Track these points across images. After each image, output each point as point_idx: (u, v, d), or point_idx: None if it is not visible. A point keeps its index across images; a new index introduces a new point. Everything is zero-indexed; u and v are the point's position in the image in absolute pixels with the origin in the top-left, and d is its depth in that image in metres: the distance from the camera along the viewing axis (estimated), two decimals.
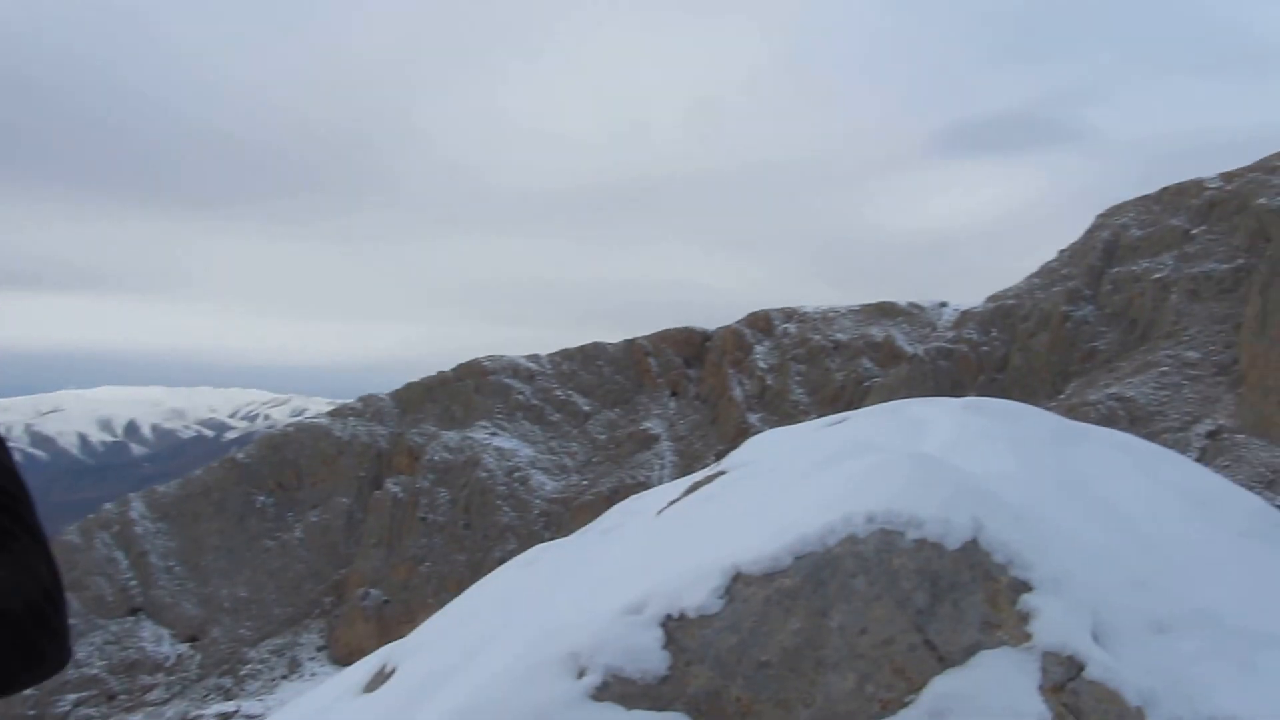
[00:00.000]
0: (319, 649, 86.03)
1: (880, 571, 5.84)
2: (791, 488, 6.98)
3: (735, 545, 6.27)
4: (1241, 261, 79.22)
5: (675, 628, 5.94)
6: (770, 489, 7.24)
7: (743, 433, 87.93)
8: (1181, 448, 65.54)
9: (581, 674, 5.86)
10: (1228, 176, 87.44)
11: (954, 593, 5.78)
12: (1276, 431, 61.99)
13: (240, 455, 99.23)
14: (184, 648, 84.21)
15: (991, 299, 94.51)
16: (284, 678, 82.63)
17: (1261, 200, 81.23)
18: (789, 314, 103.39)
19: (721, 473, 8.66)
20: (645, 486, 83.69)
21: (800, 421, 78.49)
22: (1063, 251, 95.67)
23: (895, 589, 5.81)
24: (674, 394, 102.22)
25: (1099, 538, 6.55)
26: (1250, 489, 56.31)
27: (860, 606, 5.81)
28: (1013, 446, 7.61)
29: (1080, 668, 5.49)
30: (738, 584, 6.03)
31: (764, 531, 6.29)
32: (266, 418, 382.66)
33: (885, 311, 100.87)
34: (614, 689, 5.78)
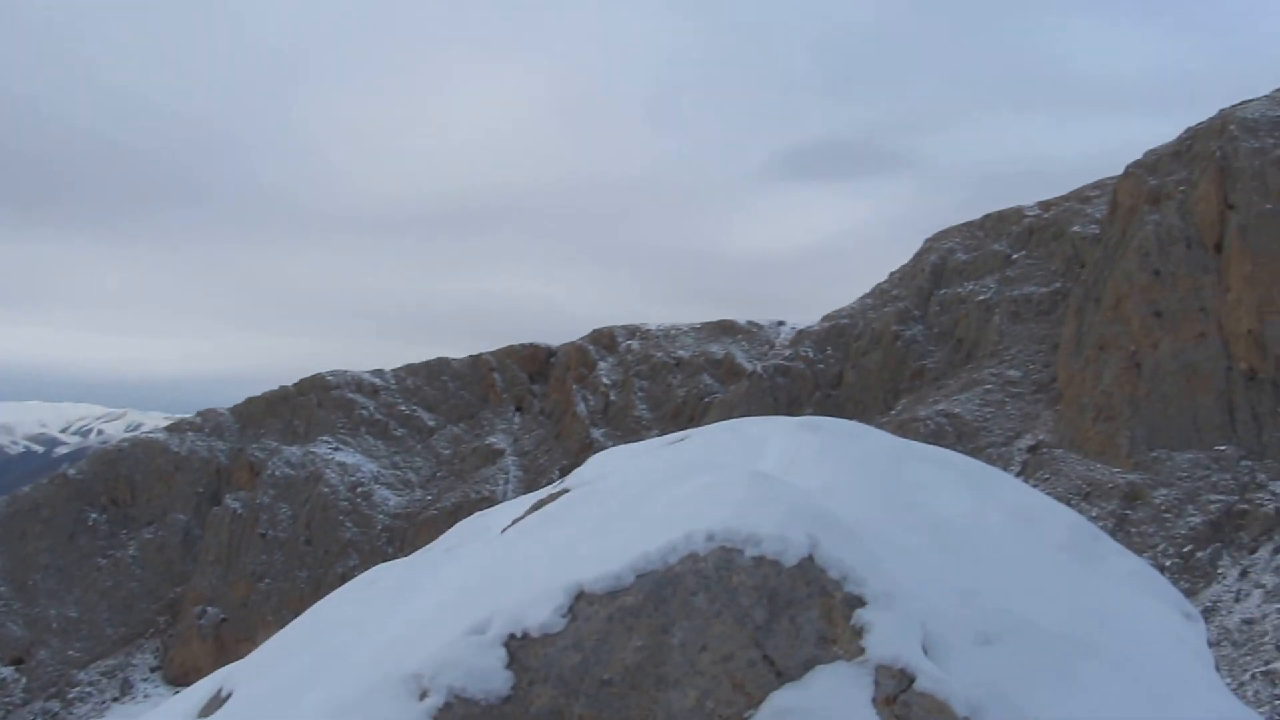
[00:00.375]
0: (153, 670, 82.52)
1: (720, 589, 5.88)
2: (634, 506, 6.97)
3: (578, 564, 6.23)
4: (1058, 285, 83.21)
5: (518, 647, 5.87)
6: (613, 507, 7.22)
7: (587, 448, 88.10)
8: (1004, 462, 68.42)
9: (423, 696, 5.73)
10: (1045, 205, 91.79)
11: (791, 609, 5.86)
12: (1091, 446, 65.29)
13: (71, 471, 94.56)
14: (8, 670, 79.62)
15: (827, 318, 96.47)
16: (115, 700, 78.96)
17: (1076, 228, 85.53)
18: (632, 331, 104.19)
19: (564, 491, 8.60)
20: (490, 501, 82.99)
21: (643, 437, 78.78)
22: (893, 274, 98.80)
23: (735, 606, 5.85)
24: (519, 409, 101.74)
25: (929, 553, 6.74)
26: (1067, 501, 59.02)
27: (701, 624, 5.83)
28: (847, 464, 7.76)
29: (911, 680, 5.63)
30: (581, 603, 5.99)
31: (607, 550, 6.26)
32: (100, 433, 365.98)
33: (725, 329, 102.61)
34: (456, 710, 5.66)
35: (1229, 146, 68.39)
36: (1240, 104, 72.58)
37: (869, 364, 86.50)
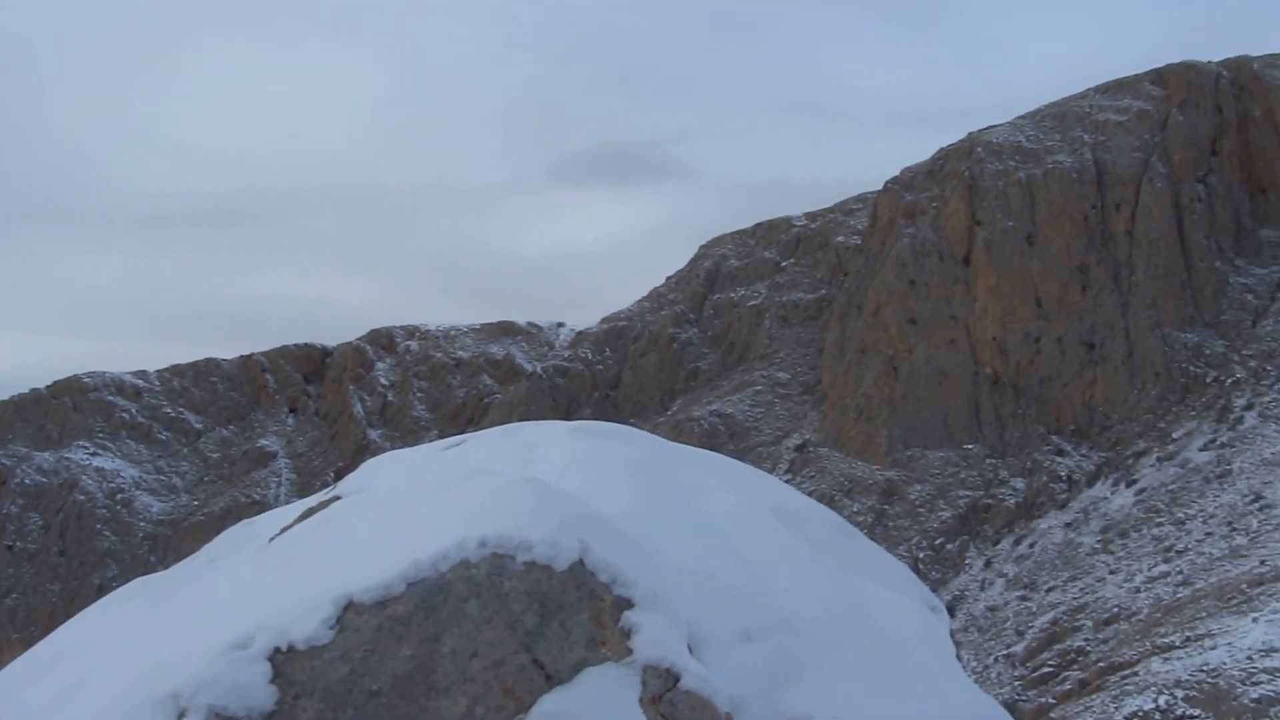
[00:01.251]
0: None
1: (492, 595, 5.86)
2: (407, 513, 6.88)
3: (348, 573, 6.09)
4: (824, 292, 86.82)
5: (284, 661, 5.68)
6: (386, 515, 7.10)
7: (363, 449, 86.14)
8: (774, 460, 70.87)
9: (181, 715, 5.48)
10: (811, 216, 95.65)
11: (562, 613, 5.90)
12: (853, 444, 68.41)
13: None
14: None
15: (605, 320, 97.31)
16: None
17: (839, 238, 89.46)
18: (411, 331, 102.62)
19: (336, 498, 8.40)
20: (262, 505, 79.98)
21: (422, 438, 77.61)
22: (670, 278, 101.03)
23: (506, 611, 5.85)
24: (293, 411, 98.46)
25: (697, 554, 6.91)
26: (831, 498, 61.38)
27: (472, 630, 5.80)
28: (618, 468, 7.87)
29: (676, 679, 5.76)
30: (350, 613, 5.86)
31: (378, 559, 6.15)
32: None
33: (505, 330, 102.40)
34: None
35: (976, 168, 72.97)
36: (986, 128, 77.60)
37: (646, 365, 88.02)
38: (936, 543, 60.03)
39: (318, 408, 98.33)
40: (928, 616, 7.57)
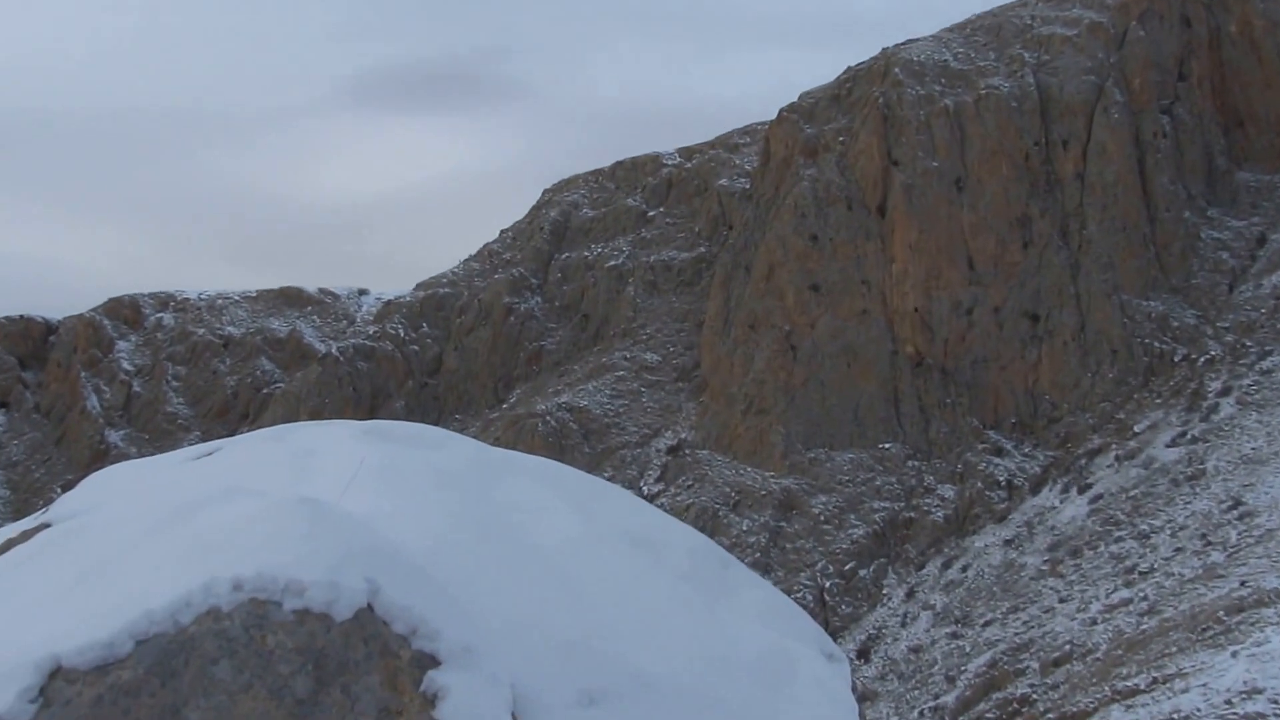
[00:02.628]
0: None
1: (250, 654, 5.73)
2: (138, 547, 6.68)
3: (56, 629, 5.90)
4: (703, 250, 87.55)
5: None
6: (109, 549, 6.88)
7: (101, 457, 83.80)
8: (640, 466, 71.37)
9: None
10: (687, 153, 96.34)
11: (344, 675, 5.78)
12: (741, 445, 69.27)
13: None
14: None
15: (422, 287, 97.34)
16: None
17: (723, 181, 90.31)
18: (164, 301, 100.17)
19: (44, 526, 8.12)
20: None
21: (179, 442, 75.88)
22: (505, 232, 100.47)
23: (270, 675, 5.72)
24: (3, 405, 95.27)
25: (526, 593, 6.88)
26: (715, 513, 62.13)
27: (225, 700, 5.67)
28: (423, 483, 7.79)
29: None
30: (57, 681, 5.67)
31: (97, 608, 5.97)
32: None
33: (290, 299, 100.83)
34: None
35: (892, 93, 74.46)
36: (905, 43, 79.21)
37: (475, 345, 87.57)
38: (846, 568, 61.23)
39: (38, 401, 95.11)
40: (824, 666, 7.68)
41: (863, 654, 54.66)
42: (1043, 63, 74.09)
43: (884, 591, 59.99)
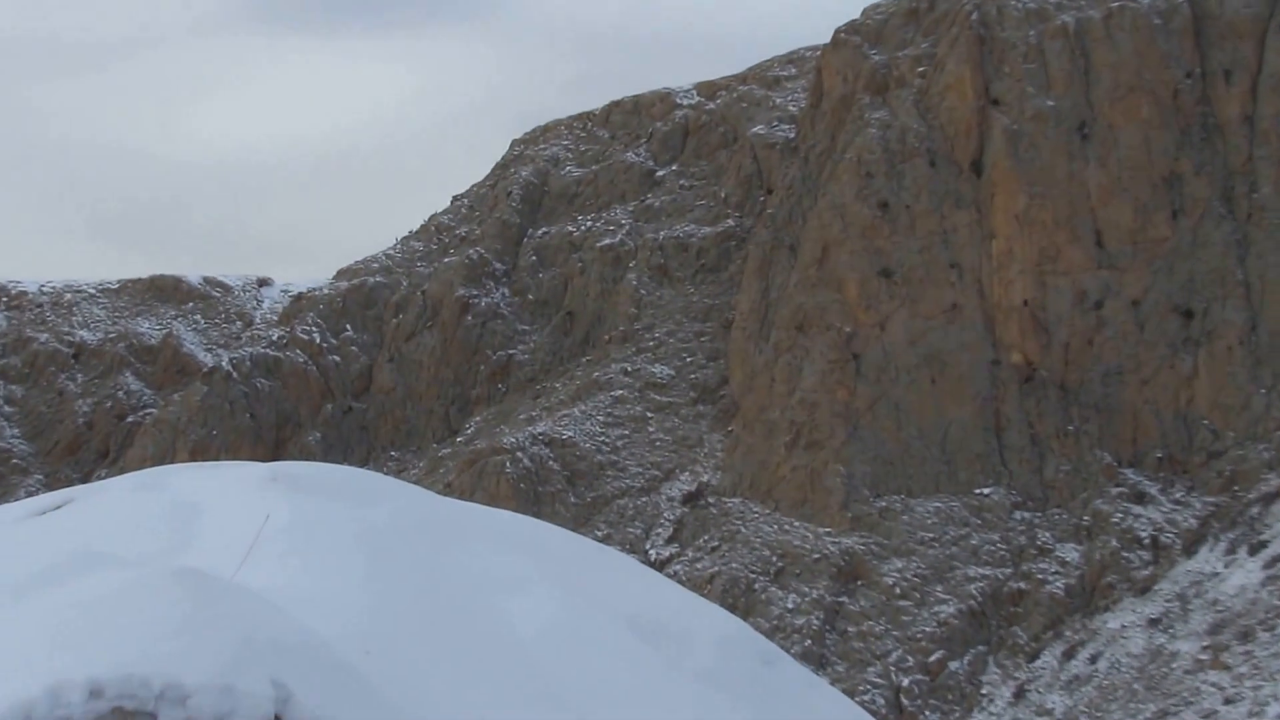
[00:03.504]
0: None
1: None
2: None
3: None
4: (731, 223, 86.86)
5: None
6: None
7: None
8: (648, 521, 70.96)
9: None
10: (708, 90, 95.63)
11: None
12: (785, 491, 68.87)
13: None
14: None
15: (345, 275, 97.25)
16: None
17: (758, 129, 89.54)
18: None
19: None
20: None
21: (14, 491, 75.76)
22: (459, 199, 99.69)
23: None
24: None
25: (488, 700, 6.77)
26: (749, 585, 62.07)
27: None
28: (351, 550, 7.67)
29: None
30: None
31: None
32: None
33: (164, 293, 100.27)
34: None
35: (990, 6, 74.21)
36: None
37: (418, 354, 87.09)
38: (932, 660, 61.00)
39: None
40: None
41: None
42: None
43: (983, 692, 59.73)
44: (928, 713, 58.88)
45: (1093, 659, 57.63)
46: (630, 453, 74.83)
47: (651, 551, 66.96)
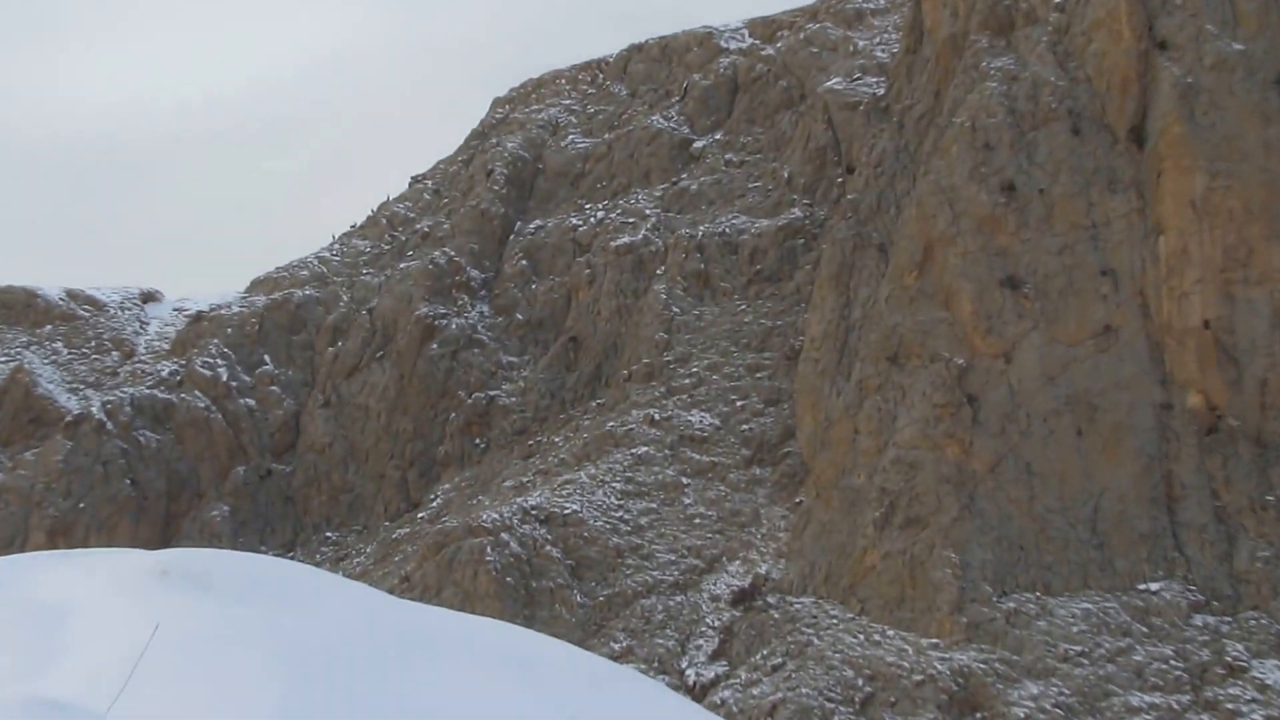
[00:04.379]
0: None
1: None
2: None
3: None
4: (797, 213, 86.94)
5: None
6: None
7: None
8: (684, 630, 70.97)
9: None
10: (764, 29, 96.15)
11: None
12: (874, 587, 68.72)
13: None
14: None
15: (262, 286, 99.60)
16: None
17: (834, 82, 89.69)
18: None
19: None
20: None
21: None
22: (420, 180, 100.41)
23: None
24: None
25: None
26: (827, 713, 61.89)
27: None
28: (269, 674, 7.21)
29: None
30: None
31: None
32: None
33: (12, 310, 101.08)
34: None
35: None
36: None
37: (364, 397, 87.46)
38: None
39: None
40: None
41: None
42: None
43: None
44: None
45: None
46: (659, 534, 74.64)
47: (690, 672, 66.69)
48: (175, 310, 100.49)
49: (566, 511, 75.35)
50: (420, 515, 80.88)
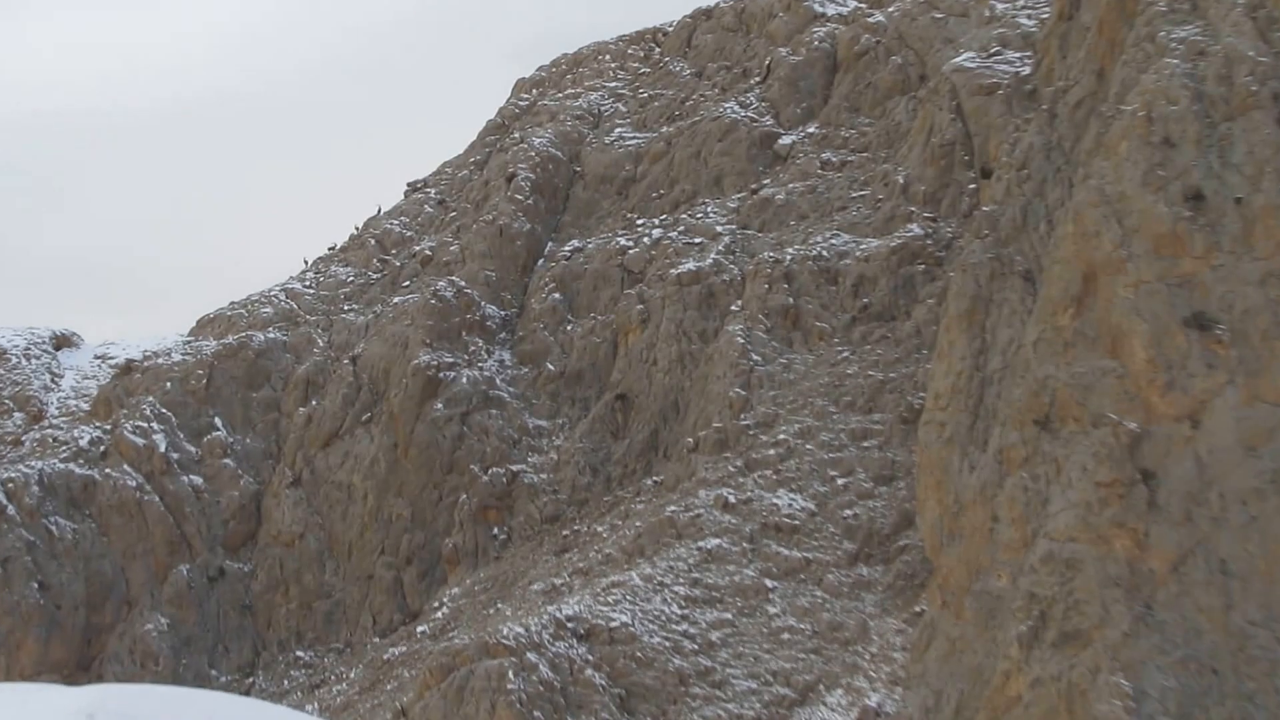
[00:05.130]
0: None
1: None
2: None
3: None
4: (917, 230, 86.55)
5: None
6: None
7: None
8: None
9: None
10: None
11: None
12: (1022, 719, 68.07)
13: None
14: None
15: (211, 327, 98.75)
16: None
17: (964, 59, 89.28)
18: None
19: None
20: None
21: None
22: (421, 187, 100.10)
23: None
24: None
25: None
26: None
27: None
28: None
29: None
30: None
31: None
32: None
33: None
34: None
35: None
36: None
37: (346, 473, 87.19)
38: None
39: None
40: None
41: None
42: None
43: None
44: None
45: None
46: (736, 654, 74.30)
47: None
48: (97, 359, 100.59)
49: (613, 624, 74.99)
50: (420, 629, 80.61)
